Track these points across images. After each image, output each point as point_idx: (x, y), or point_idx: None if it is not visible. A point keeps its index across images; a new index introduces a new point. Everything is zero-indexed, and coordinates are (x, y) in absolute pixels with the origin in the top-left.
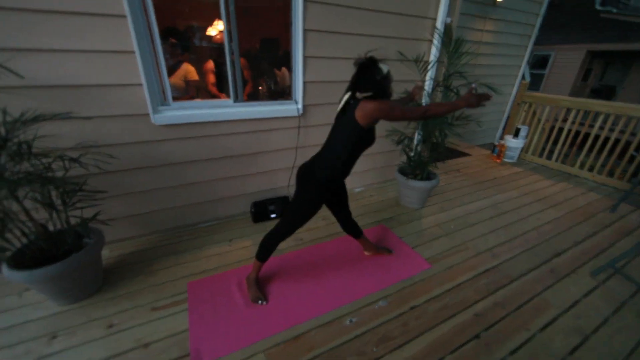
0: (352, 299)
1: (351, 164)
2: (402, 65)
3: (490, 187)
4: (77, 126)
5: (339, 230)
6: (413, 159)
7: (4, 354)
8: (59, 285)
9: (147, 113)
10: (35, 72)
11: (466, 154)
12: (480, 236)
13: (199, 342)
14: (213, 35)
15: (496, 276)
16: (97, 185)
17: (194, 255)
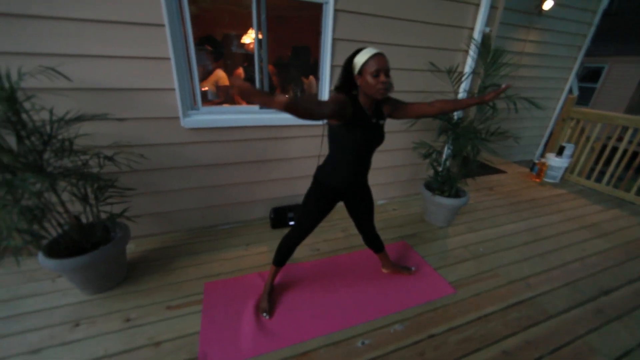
0: (365, 319)
1: (344, 167)
2: (434, 76)
3: (527, 209)
4: (113, 126)
5: (358, 244)
6: (441, 173)
7: (32, 335)
8: (86, 275)
9: (178, 116)
10: (81, 76)
11: (501, 171)
12: (513, 263)
13: (207, 346)
14: (247, 43)
15: (530, 310)
16: (127, 182)
17: (210, 257)
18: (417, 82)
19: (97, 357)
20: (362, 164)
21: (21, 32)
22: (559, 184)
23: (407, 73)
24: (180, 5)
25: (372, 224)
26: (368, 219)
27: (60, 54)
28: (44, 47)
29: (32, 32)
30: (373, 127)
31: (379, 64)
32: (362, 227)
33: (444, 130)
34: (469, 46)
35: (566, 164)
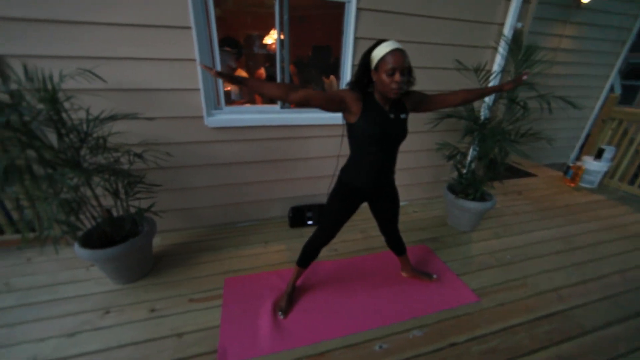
0: (383, 323)
1: (365, 167)
2: (460, 75)
3: (559, 216)
4: (143, 125)
5: (376, 246)
6: (465, 176)
7: (69, 320)
8: (116, 266)
9: (202, 116)
10: (115, 77)
11: (531, 175)
12: (543, 272)
13: (227, 340)
14: (269, 44)
15: (562, 324)
16: (154, 179)
17: (231, 253)
18: (442, 81)
19: (125, 344)
20: (385, 163)
21: (63, 37)
22: (596, 190)
23: (431, 72)
24: (206, 7)
25: (397, 226)
26: (392, 221)
27: (97, 57)
28: (82, 50)
29: (72, 37)
30: (392, 122)
31: (396, 61)
32: (386, 229)
33: (469, 131)
34: (498, 43)
35: (605, 168)
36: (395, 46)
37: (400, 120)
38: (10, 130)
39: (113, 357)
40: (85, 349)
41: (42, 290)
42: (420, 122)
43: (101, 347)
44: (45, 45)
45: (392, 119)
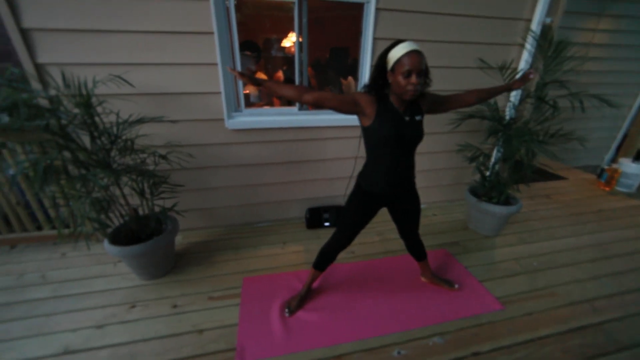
0: (402, 328)
1: (382, 170)
2: (484, 74)
3: (592, 221)
4: (167, 128)
5: (394, 249)
6: (489, 178)
7: (98, 312)
8: (141, 262)
9: (222, 118)
10: (142, 82)
11: (560, 177)
12: (575, 282)
13: (245, 339)
14: (287, 47)
15: (597, 338)
16: (177, 179)
17: (249, 253)
18: (465, 81)
19: (149, 338)
20: (402, 166)
21: (97, 46)
22: (634, 194)
23: (453, 71)
24: (227, 13)
25: (417, 231)
26: (413, 225)
27: (127, 63)
28: (114, 57)
29: (105, 45)
30: (407, 124)
31: (412, 63)
32: (406, 233)
33: (493, 131)
34: (525, 39)
35: None
36: (412, 47)
37: (416, 122)
38: (50, 133)
39: (138, 350)
40: (112, 341)
41: (74, 284)
42: (440, 123)
43: (127, 340)
44: (81, 53)
45: (407, 121)
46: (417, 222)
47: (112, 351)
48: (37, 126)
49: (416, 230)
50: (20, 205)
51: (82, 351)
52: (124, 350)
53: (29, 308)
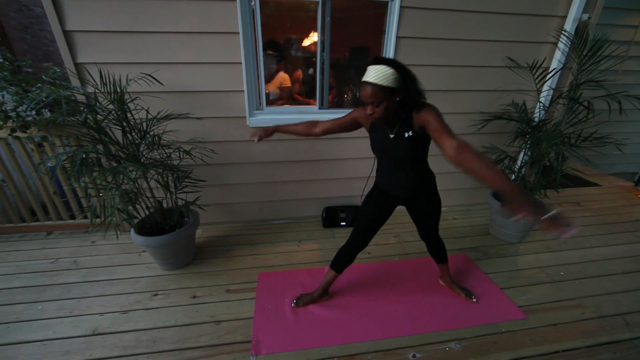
0: (418, 331)
1: (379, 174)
2: (512, 73)
3: (628, 231)
4: (192, 125)
5: (410, 251)
6: (514, 182)
7: (124, 298)
8: (164, 253)
9: (244, 116)
10: (170, 80)
11: (593, 184)
12: (607, 294)
13: (260, 333)
14: (307, 46)
15: (629, 354)
16: (199, 175)
17: (266, 249)
18: (492, 81)
19: (169, 325)
20: (398, 175)
21: (129, 46)
22: None
23: (479, 70)
24: (252, 14)
25: (436, 232)
26: (430, 226)
27: (156, 62)
28: (145, 57)
29: (136, 45)
30: (392, 141)
31: (362, 95)
32: (424, 233)
33: (520, 133)
34: (558, 37)
35: None
36: (364, 79)
37: (403, 139)
38: (86, 127)
39: (159, 336)
40: (136, 326)
41: (103, 270)
42: (464, 123)
43: (150, 326)
44: (116, 53)
45: (392, 138)
46: (435, 223)
47: (135, 335)
48: (76, 121)
49: (435, 231)
50: (56, 194)
51: (109, 334)
52: (146, 336)
53: (62, 291)
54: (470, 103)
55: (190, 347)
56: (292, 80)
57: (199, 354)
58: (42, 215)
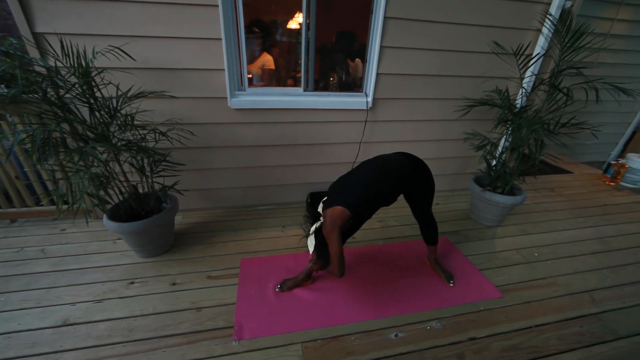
0: (400, 312)
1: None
2: (497, 59)
3: (595, 215)
4: (168, 105)
5: (394, 236)
6: (495, 168)
7: (97, 287)
8: (140, 240)
9: (225, 97)
10: (144, 56)
11: (566, 171)
12: (575, 273)
13: (243, 318)
14: (293, 28)
15: (593, 327)
16: (178, 158)
17: (249, 235)
18: (477, 66)
19: (147, 314)
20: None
21: (95, 16)
22: (639, 190)
23: (465, 55)
24: None
25: (430, 211)
26: (422, 205)
27: (127, 35)
28: (114, 29)
29: (104, 16)
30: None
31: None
32: (417, 213)
33: (503, 120)
34: (543, 22)
35: None
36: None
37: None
38: (47, 103)
39: (136, 325)
40: (111, 315)
41: (73, 259)
42: (449, 109)
43: (126, 315)
44: (80, 23)
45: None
46: (428, 202)
47: (110, 324)
48: (35, 97)
49: (428, 211)
50: (19, 179)
51: (81, 324)
52: (123, 325)
53: (29, 281)
54: (455, 89)
55: (169, 334)
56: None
57: (179, 340)
58: (4, 202)
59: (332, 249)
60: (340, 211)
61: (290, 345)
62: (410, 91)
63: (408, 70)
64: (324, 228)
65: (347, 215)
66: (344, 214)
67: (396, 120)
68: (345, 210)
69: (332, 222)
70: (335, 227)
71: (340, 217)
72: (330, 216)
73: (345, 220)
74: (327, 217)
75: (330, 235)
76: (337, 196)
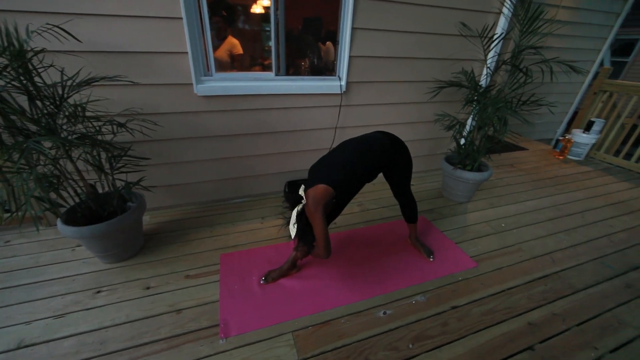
0: (385, 291)
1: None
2: (464, 41)
3: (549, 186)
4: (126, 93)
5: (374, 218)
6: (464, 147)
7: (57, 301)
8: (104, 244)
9: (191, 83)
10: (92, 37)
11: (522, 148)
12: (537, 238)
13: (228, 314)
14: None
15: (556, 284)
16: (142, 152)
17: (226, 229)
18: (446, 49)
19: (120, 323)
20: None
21: None
22: (583, 162)
23: (435, 38)
24: None
25: (409, 189)
26: (401, 182)
27: (69, 13)
28: (53, 5)
29: None
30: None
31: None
32: (396, 190)
33: (469, 100)
34: (503, 3)
35: (593, 140)
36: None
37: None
38: None
39: (108, 336)
40: (77, 330)
41: (24, 273)
42: (420, 91)
43: (94, 327)
44: None
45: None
46: (407, 180)
47: (77, 340)
48: None
49: (407, 189)
50: None
51: (41, 344)
52: (92, 338)
53: None
54: (426, 71)
55: (148, 341)
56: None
57: (160, 347)
58: None
59: (317, 229)
60: (323, 189)
61: (280, 336)
62: (383, 74)
63: (380, 53)
64: (306, 209)
65: (330, 193)
66: (327, 191)
67: (370, 104)
68: (328, 188)
69: (315, 201)
70: (318, 207)
71: (324, 196)
72: (313, 196)
73: (328, 198)
74: (309, 198)
75: (314, 215)
76: (318, 175)
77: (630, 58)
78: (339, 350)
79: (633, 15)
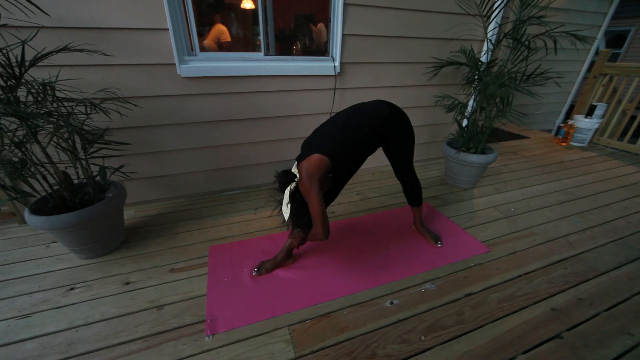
0: (391, 279)
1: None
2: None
3: (556, 171)
4: (102, 73)
5: (374, 207)
6: (467, 129)
7: (23, 300)
8: (78, 236)
9: (173, 63)
10: (61, 11)
11: (523, 137)
12: (550, 222)
13: (216, 309)
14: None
15: (576, 267)
16: (123, 140)
17: (216, 221)
18: (441, 27)
19: (93, 322)
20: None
21: None
22: (587, 147)
23: (428, 15)
24: None
25: (412, 168)
26: (402, 160)
27: None
28: None
29: None
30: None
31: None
32: (397, 170)
33: (470, 79)
34: None
35: (597, 125)
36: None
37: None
38: None
39: (78, 337)
40: (43, 330)
41: None
42: (417, 73)
43: (63, 327)
44: None
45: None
46: (409, 154)
47: (42, 341)
48: None
49: (410, 167)
50: None
51: (0, 347)
52: (59, 339)
53: None
54: (422, 51)
55: (123, 341)
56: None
57: (137, 346)
58: None
59: (313, 206)
60: (318, 158)
61: (275, 331)
62: (378, 54)
63: (374, 32)
64: (300, 184)
65: (326, 163)
66: (322, 161)
67: (366, 87)
68: (323, 157)
69: (309, 173)
70: (313, 180)
71: (318, 166)
72: (307, 168)
73: (324, 169)
74: (302, 171)
75: (309, 191)
76: (312, 145)
77: (622, 49)
78: (341, 345)
79: (623, 9)
